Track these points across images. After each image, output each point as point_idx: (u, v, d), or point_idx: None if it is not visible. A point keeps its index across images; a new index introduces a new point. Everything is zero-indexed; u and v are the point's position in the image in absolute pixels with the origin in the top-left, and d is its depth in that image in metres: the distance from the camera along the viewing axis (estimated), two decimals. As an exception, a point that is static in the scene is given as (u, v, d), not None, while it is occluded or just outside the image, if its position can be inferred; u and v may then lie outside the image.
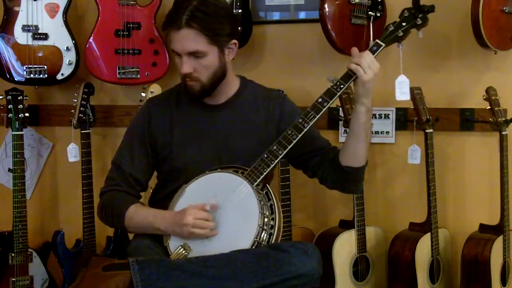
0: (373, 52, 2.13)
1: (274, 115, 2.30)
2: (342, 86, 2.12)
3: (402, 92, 2.33)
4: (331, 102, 2.12)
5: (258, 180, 2.07)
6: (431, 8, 2.20)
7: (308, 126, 2.11)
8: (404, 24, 2.19)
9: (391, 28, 2.19)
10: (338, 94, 2.12)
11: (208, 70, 2.16)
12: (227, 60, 2.21)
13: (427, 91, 2.74)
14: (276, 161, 2.09)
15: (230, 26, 2.18)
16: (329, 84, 2.14)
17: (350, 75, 2.12)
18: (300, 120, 2.11)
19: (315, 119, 2.11)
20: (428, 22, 2.19)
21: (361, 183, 2.30)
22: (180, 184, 2.18)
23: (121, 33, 2.87)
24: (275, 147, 2.10)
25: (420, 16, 2.18)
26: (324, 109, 2.11)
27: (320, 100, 2.12)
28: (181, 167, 2.23)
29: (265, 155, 2.10)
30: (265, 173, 2.08)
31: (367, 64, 2.08)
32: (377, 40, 2.17)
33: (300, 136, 2.10)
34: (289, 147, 2.10)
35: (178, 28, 2.11)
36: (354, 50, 2.16)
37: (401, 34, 2.18)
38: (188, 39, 2.11)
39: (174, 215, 2.10)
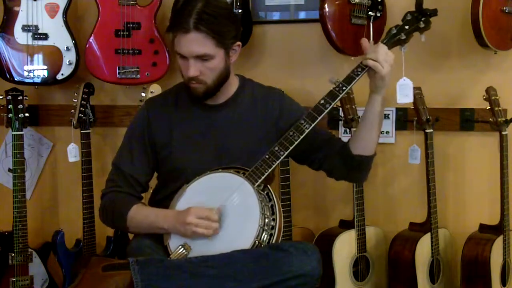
0: None
1: (273, 113, 2.30)
2: (344, 88, 2.13)
3: (404, 95, 2.32)
4: (333, 104, 2.12)
5: (260, 181, 2.07)
6: (434, 12, 2.20)
7: (310, 128, 2.11)
8: (407, 27, 2.19)
9: (394, 31, 2.20)
10: (341, 96, 2.12)
11: (213, 73, 2.16)
12: (231, 62, 2.21)
13: (427, 91, 2.74)
14: (278, 162, 2.09)
15: (235, 28, 2.18)
16: (331, 85, 2.14)
17: (353, 77, 2.12)
18: (302, 121, 2.12)
19: (317, 120, 2.12)
20: (431, 26, 2.20)
21: (369, 172, 2.32)
22: (180, 185, 2.18)
23: (121, 33, 2.87)
24: (276, 148, 2.11)
25: (423, 19, 2.19)
26: (326, 111, 2.12)
27: (322, 101, 2.12)
28: (181, 167, 2.23)
29: (267, 156, 2.11)
30: (266, 174, 2.08)
31: (383, 58, 2.08)
32: (379, 43, 2.17)
33: (301, 137, 2.11)
34: (291, 148, 2.10)
35: (186, 31, 2.08)
36: (365, 42, 2.15)
37: (403, 37, 2.18)
38: (196, 42, 2.09)
39: (176, 214, 2.10)
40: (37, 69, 2.88)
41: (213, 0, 2.14)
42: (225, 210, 2.07)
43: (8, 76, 2.88)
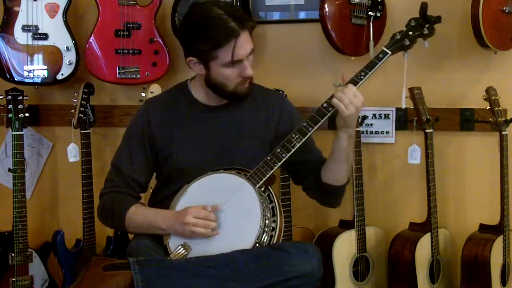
0: (379, 60, 2.14)
1: (273, 115, 2.30)
2: None
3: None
4: (336, 107, 2.11)
5: (261, 182, 2.07)
6: (438, 19, 2.22)
7: (313, 130, 2.11)
8: (411, 33, 2.20)
9: (398, 36, 2.21)
10: None
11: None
12: None
13: (427, 91, 2.74)
14: (279, 163, 2.09)
15: None
16: (331, 86, 2.14)
17: (356, 81, 2.11)
18: (305, 124, 2.12)
19: (320, 123, 2.11)
20: (435, 32, 2.20)
21: (341, 198, 2.30)
22: (180, 185, 2.18)
23: (121, 33, 2.87)
24: (279, 150, 2.10)
25: (427, 26, 2.20)
26: (329, 114, 2.11)
27: (325, 105, 2.12)
28: (182, 168, 2.22)
29: (269, 158, 2.10)
30: (267, 176, 2.08)
31: (348, 100, 2.05)
32: (383, 48, 2.18)
33: (304, 139, 2.10)
34: (293, 150, 2.10)
35: (237, 35, 2.08)
36: (345, 75, 2.15)
37: (407, 43, 2.20)
38: (248, 39, 2.12)
39: (175, 214, 2.10)
40: (37, 69, 2.88)
41: (222, 1, 2.16)
42: (225, 211, 2.07)
43: (8, 76, 2.88)
